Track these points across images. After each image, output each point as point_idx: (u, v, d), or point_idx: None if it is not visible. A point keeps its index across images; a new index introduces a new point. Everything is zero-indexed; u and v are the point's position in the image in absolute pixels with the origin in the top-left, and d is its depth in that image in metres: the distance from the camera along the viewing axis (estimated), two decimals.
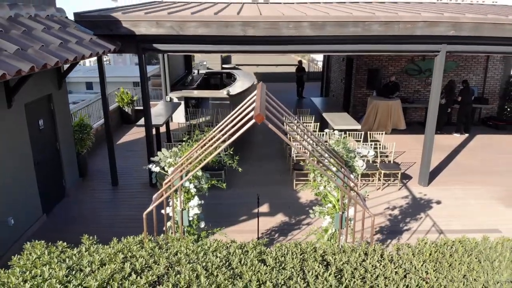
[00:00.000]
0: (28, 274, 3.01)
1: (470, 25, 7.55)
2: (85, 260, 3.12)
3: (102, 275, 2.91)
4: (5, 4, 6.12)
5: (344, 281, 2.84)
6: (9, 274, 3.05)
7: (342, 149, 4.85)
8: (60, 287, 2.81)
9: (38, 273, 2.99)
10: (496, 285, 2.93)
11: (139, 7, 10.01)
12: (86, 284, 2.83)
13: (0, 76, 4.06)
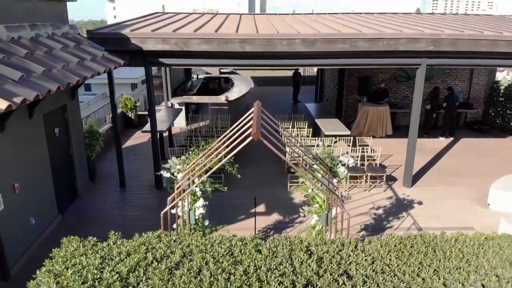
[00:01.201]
0: (69, 263, 3.73)
1: (448, 41, 8.32)
2: (114, 251, 3.84)
3: (130, 262, 3.63)
4: (26, 25, 6.82)
5: (323, 266, 3.58)
6: (53, 263, 3.77)
7: (327, 157, 5.57)
8: (97, 273, 3.53)
9: (77, 262, 3.71)
10: (445, 269, 3.67)
11: (144, 20, 10.73)
12: (117, 269, 3.56)
13: (34, 97, 4.77)
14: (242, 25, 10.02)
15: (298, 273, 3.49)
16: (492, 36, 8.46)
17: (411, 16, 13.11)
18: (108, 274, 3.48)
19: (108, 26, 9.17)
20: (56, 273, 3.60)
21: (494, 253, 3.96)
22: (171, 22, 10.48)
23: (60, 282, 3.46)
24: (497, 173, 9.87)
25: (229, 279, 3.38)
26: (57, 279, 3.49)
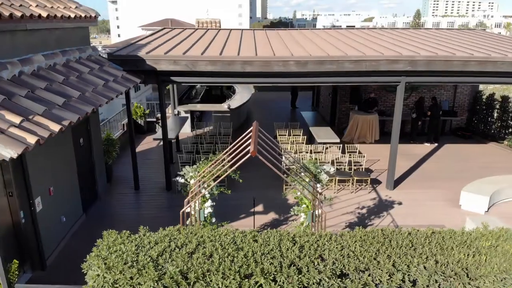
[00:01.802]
0: (112, 249, 4.91)
1: (423, 62, 9.49)
2: (145, 241, 5.03)
3: (158, 248, 4.82)
4: (58, 52, 8.01)
5: (304, 251, 4.76)
6: (99, 249, 4.95)
7: (312, 167, 6.74)
8: (134, 256, 4.71)
9: (118, 249, 4.90)
10: (396, 255, 4.85)
11: (156, 38, 11.92)
12: (149, 254, 4.74)
13: (77, 119, 5.97)
14: (243, 44, 11.22)
15: (284, 256, 4.68)
16: (464, 57, 9.64)
17: (397, 33, 14.26)
18: (143, 257, 4.67)
19: (125, 46, 10.36)
20: (102, 256, 4.79)
21: (437, 243, 5.14)
22: (180, 40, 11.68)
23: (106, 263, 4.65)
24: (473, 177, 11.01)
25: (233, 260, 4.57)
26: (104, 261, 4.68)
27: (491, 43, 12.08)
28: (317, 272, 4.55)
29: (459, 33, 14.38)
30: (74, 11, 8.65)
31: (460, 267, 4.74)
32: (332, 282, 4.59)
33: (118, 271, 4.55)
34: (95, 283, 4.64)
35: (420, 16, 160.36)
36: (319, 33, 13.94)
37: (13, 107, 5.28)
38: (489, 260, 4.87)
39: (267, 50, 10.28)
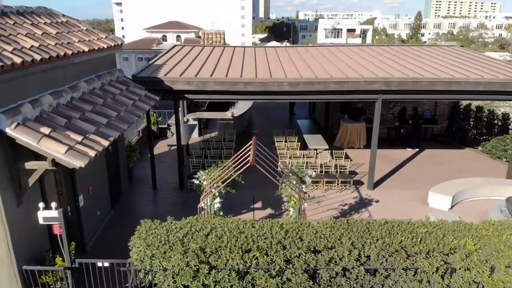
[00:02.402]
0: (149, 232, 6.74)
1: (396, 82, 11.30)
2: (173, 226, 6.87)
3: (182, 232, 6.66)
4: (94, 77, 9.85)
5: (288, 234, 6.59)
6: (139, 233, 6.78)
7: (298, 171, 8.55)
8: (165, 237, 6.55)
9: (153, 232, 6.73)
10: (355, 237, 6.67)
11: (170, 57, 13.75)
12: (177, 235, 6.58)
13: (118, 135, 7.81)
14: (245, 64, 13.06)
15: (274, 237, 6.52)
16: (431, 78, 11.45)
17: (378, 50, 16.03)
18: (172, 237, 6.52)
19: (145, 68, 12.20)
20: (143, 237, 6.64)
21: (387, 229, 6.97)
22: (191, 60, 13.54)
23: (146, 242, 6.50)
24: (446, 179, 12.75)
25: (237, 240, 6.42)
26: (144, 240, 6.53)
27: (463, 62, 13.86)
28: (297, 248, 6.41)
29: (434, 50, 16.14)
30: (105, 41, 10.50)
31: (400, 246, 6.59)
32: (308, 256, 6.45)
33: (155, 248, 6.42)
34: (138, 256, 6.51)
35: (421, 17, 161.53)
36: (312, 51, 15.73)
37: (73, 127, 7.12)
38: (423, 242, 6.71)
39: (265, 71, 12.11)
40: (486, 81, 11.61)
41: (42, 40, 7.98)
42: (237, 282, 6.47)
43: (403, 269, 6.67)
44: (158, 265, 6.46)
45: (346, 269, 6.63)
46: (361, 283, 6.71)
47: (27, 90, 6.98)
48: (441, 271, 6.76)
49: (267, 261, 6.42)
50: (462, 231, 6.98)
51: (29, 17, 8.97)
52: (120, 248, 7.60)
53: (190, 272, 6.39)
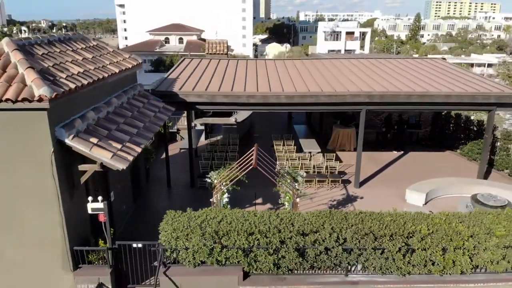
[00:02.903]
0: (174, 219, 8.62)
1: (378, 96, 13.16)
2: (192, 215, 8.75)
3: (200, 219, 8.54)
4: (121, 93, 11.70)
5: (283, 221, 8.47)
6: (166, 220, 8.65)
7: (292, 172, 10.40)
8: (187, 223, 8.42)
9: (177, 219, 8.61)
10: (335, 223, 8.54)
11: (181, 71, 15.61)
12: (196, 222, 8.45)
13: (146, 143, 9.67)
14: (248, 77, 14.92)
15: (271, 223, 8.40)
16: (408, 92, 13.31)
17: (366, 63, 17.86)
18: (192, 223, 8.40)
19: (161, 82, 14.05)
20: (170, 223, 8.51)
21: (360, 218, 8.82)
22: (201, 73, 15.41)
23: (172, 226, 8.37)
24: (426, 179, 14.57)
25: (243, 225, 8.30)
26: (171, 225, 8.40)
27: (440, 75, 15.71)
28: (289, 232, 8.30)
29: (416, 63, 17.97)
30: (129, 61, 12.36)
31: (370, 230, 8.46)
32: (298, 238, 8.34)
33: (179, 231, 8.31)
34: (165, 238, 8.40)
35: (420, 19, 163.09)
36: (306, 64, 17.57)
37: (113, 137, 8.98)
38: (388, 227, 8.57)
39: (265, 84, 13.98)
40: (456, 94, 13.47)
41: (84, 66, 9.85)
42: (243, 258, 8.36)
43: (373, 249, 8.55)
44: (181, 245, 8.35)
45: (327, 249, 8.51)
46: (339, 259, 8.60)
47: (77, 107, 8.85)
48: (403, 251, 8.63)
49: (266, 241, 8.30)
50: (420, 220, 8.85)
51: (68, 43, 10.85)
52: (144, 234, 9.47)
53: (206, 250, 8.28)
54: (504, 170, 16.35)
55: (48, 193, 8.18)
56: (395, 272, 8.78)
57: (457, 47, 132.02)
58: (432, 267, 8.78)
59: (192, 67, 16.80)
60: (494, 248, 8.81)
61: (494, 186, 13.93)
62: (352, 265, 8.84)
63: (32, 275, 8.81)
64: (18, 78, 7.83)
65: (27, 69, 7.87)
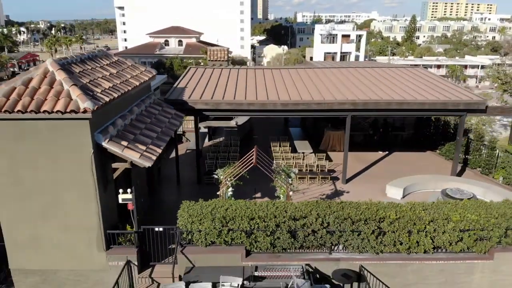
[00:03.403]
0: (189, 208, 10.57)
1: (361, 103, 15.12)
2: (204, 204, 10.69)
3: (210, 207, 10.48)
4: (140, 101, 13.62)
5: (278, 209, 10.42)
6: (182, 208, 10.58)
7: (286, 169, 12.34)
8: (199, 210, 10.37)
9: (192, 208, 10.54)
10: (320, 210, 10.49)
11: (189, 80, 17.53)
12: (207, 209, 10.39)
13: (164, 146, 11.60)
14: (248, 85, 16.87)
15: (268, 210, 10.36)
16: (387, 100, 15.27)
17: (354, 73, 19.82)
18: (204, 210, 10.35)
19: (172, 91, 15.97)
20: (186, 211, 10.46)
21: (341, 206, 10.78)
22: (206, 82, 17.34)
23: (188, 213, 10.32)
24: (406, 176, 16.53)
25: (245, 212, 10.26)
26: (187, 212, 10.35)
27: (418, 84, 17.68)
28: (282, 217, 10.26)
29: (399, 72, 19.92)
30: (146, 74, 14.29)
31: (347, 215, 10.42)
32: (290, 222, 10.30)
33: (194, 217, 10.27)
34: (182, 222, 10.35)
35: (416, 21, 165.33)
36: (300, 73, 19.52)
37: (139, 140, 10.90)
38: (363, 213, 10.53)
39: (263, 93, 15.93)
40: (430, 101, 15.46)
41: (112, 80, 11.77)
42: (245, 239, 10.32)
43: (351, 231, 10.51)
44: (196, 228, 10.29)
45: (314, 231, 10.46)
46: (324, 240, 10.56)
47: (109, 116, 10.78)
48: (376, 233, 10.59)
49: (264, 225, 10.25)
50: (390, 207, 10.81)
51: (95, 60, 12.78)
52: (159, 223, 11.35)
53: (216, 232, 10.23)
54: (477, 168, 18.34)
55: (88, 187, 10.11)
56: (370, 251, 10.75)
57: (452, 48, 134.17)
58: (400, 247, 10.75)
59: (198, 76, 18.73)
60: (451, 231, 10.78)
61: (464, 182, 15.94)
62: (335, 245, 10.80)
63: (73, 253, 10.73)
64: (64, 93, 9.76)
65: (71, 86, 9.80)
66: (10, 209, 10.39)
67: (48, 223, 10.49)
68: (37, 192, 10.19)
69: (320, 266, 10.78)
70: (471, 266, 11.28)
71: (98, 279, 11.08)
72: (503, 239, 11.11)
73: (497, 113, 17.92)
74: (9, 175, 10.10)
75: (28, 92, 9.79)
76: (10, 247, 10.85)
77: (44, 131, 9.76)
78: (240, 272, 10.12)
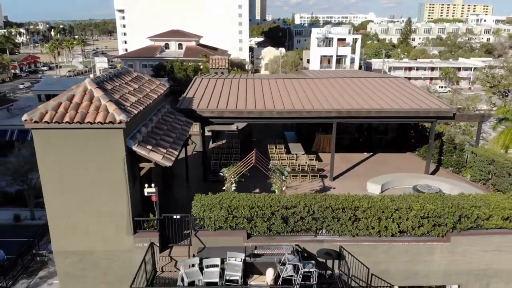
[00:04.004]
0: (201, 199, 13.07)
1: (345, 112, 17.66)
2: (213, 196, 13.20)
3: (218, 199, 12.99)
4: (156, 111, 16.10)
5: (273, 200, 12.94)
6: (196, 200, 13.08)
7: (280, 168, 14.83)
8: (209, 201, 12.87)
9: (203, 199, 13.05)
10: (307, 201, 13.02)
11: (196, 89, 20.04)
12: (216, 200, 12.90)
13: (179, 150, 14.09)
14: (248, 95, 19.39)
15: (265, 201, 12.88)
16: (367, 109, 17.81)
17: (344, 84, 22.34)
18: (214, 201, 12.86)
19: (183, 100, 18.46)
20: (199, 201, 12.96)
21: (323, 198, 13.31)
22: (211, 92, 19.86)
23: (201, 203, 12.83)
24: (385, 174, 19.05)
25: (247, 202, 12.78)
26: (200, 203, 12.86)
27: (396, 93, 20.21)
28: (276, 206, 12.80)
29: (381, 82, 22.43)
30: (161, 87, 16.78)
31: (328, 205, 12.95)
32: (282, 210, 12.84)
33: (205, 206, 12.79)
34: (196, 211, 12.86)
35: (411, 23, 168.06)
36: (294, 84, 22.02)
37: (160, 145, 13.38)
38: (342, 203, 13.06)
39: (261, 102, 18.45)
40: (404, 110, 18.00)
41: (136, 95, 14.26)
42: (247, 224, 12.82)
43: (332, 218, 13.03)
44: (206, 215, 12.79)
45: (302, 218, 12.98)
46: (310, 225, 13.07)
47: (135, 125, 13.26)
48: (352, 219, 13.11)
49: (262, 213, 12.76)
50: (364, 199, 13.32)
51: (121, 77, 15.27)
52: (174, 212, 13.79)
53: (223, 218, 12.74)
54: (449, 167, 20.90)
55: (120, 183, 12.58)
56: (347, 234, 13.27)
57: (446, 50, 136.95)
58: (372, 231, 13.27)
59: (203, 86, 21.23)
60: (413, 218, 13.30)
61: (435, 179, 18.50)
62: (319, 229, 13.31)
63: (106, 237, 13.19)
64: (102, 108, 12.24)
65: (108, 102, 12.28)
66: (55, 201, 12.83)
67: (86, 213, 12.95)
68: (77, 187, 12.64)
69: (307, 246, 13.29)
70: (431, 247, 13.79)
71: (126, 258, 13.53)
72: (458, 225, 13.63)
73: (464, 119, 20.47)
74: (56, 173, 12.56)
75: (72, 106, 12.26)
76: (54, 233, 13.29)
77: (85, 137, 12.22)
78: (243, 251, 12.62)
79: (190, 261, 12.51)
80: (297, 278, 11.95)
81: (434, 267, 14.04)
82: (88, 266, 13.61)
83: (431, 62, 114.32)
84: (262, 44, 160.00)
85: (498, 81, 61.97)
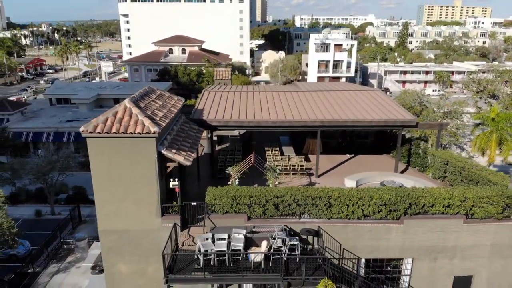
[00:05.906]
0: (213, 190, 17.27)
1: (327, 121, 21.85)
2: (222, 188, 17.41)
3: (226, 190, 17.20)
4: (176, 122, 20.29)
5: (267, 191, 17.15)
6: (209, 191, 17.28)
7: (274, 167, 18.99)
8: (219, 192, 17.07)
9: (214, 190, 17.24)
10: (298, 194, 17.22)
11: (205, 101, 24.27)
12: (223, 191, 17.10)
13: (195, 152, 18.30)
14: (248, 106, 23.61)
15: (261, 192, 17.10)
16: (345, 119, 21.99)
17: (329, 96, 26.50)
18: (222, 192, 17.08)
19: (195, 112, 22.64)
20: (212, 191, 17.16)
21: (306, 189, 17.49)
22: (218, 102, 24.10)
23: (213, 193, 17.05)
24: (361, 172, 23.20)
25: (247, 193, 17.00)
26: (213, 193, 17.07)
27: (371, 105, 24.38)
28: (270, 196, 17.05)
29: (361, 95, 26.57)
30: (179, 102, 20.97)
31: (309, 195, 17.18)
32: (274, 199, 17.10)
33: (216, 195, 17.03)
34: (209, 199, 17.11)
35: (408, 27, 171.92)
36: (287, 96, 26.19)
37: (180, 149, 17.57)
38: (319, 193, 17.28)
39: (259, 113, 22.65)
40: (376, 120, 22.18)
41: (161, 111, 18.46)
42: (247, 209, 17.05)
43: (311, 204, 17.23)
44: (217, 202, 17.01)
45: (289, 204, 17.18)
46: (295, 210, 17.28)
47: (163, 133, 17.45)
48: (327, 206, 17.30)
49: (258, 201, 16.97)
50: (336, 190, 17.48)
51: (149, 96, 19.48)
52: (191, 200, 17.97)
53: (229, 205, 16.96)
54: (416, 167, 25.07)
55: (152, 178, 16.74)
56: (324, 217, 17.46)
57: (442, 54, 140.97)
58: (342, 214, 17.44)
59: (211, 99, 25.46)
60: (374, 205, 17.47)
61: (401, 177, 22.68)
62: (302, 213, 17.50)
63: (141, 219, 17.36)
64: (140, 122, 16.42)
65: (144, 117, 16.47)
66: (102, 192, 17.00)
67: (126, 200, 17.11)
68: (120, 181, 16.80)
69: (293, 226, 17.48)
70: (389, 228, 17.95)
71: (154, 236, 17.68)
72: (409, 210, 17.78)
73: (426, 127, 24.67)
74: (105, 171, 16.73)
75: (117, 120, 16.45)
76: (100, 216, 17.43)
77: (127, 144, 16.39)
78: (244, 229, 16.81)
79: (205, 236, 16.71)
80: (285, 248, 16.15)
81: (392, 243, 18.20)
82: (125, 242, 17.75)
83: (426, 66, 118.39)
84: (262, 47, 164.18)
85: (483, 87, 65.85)
